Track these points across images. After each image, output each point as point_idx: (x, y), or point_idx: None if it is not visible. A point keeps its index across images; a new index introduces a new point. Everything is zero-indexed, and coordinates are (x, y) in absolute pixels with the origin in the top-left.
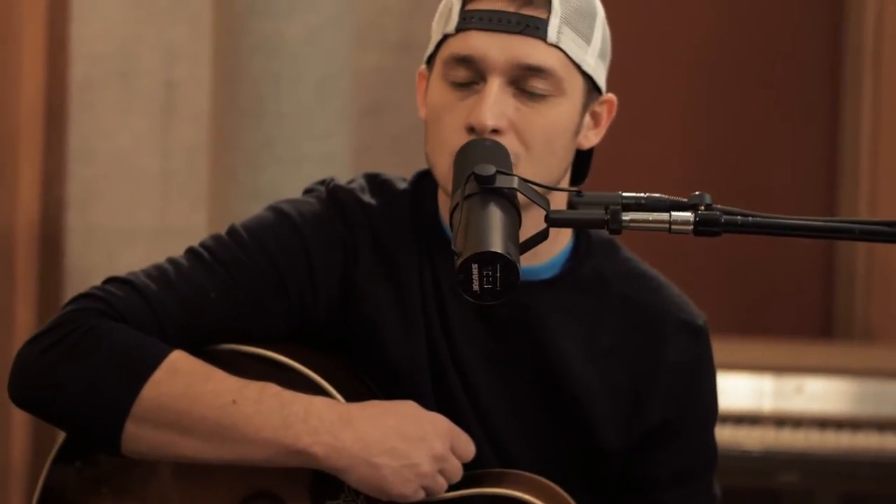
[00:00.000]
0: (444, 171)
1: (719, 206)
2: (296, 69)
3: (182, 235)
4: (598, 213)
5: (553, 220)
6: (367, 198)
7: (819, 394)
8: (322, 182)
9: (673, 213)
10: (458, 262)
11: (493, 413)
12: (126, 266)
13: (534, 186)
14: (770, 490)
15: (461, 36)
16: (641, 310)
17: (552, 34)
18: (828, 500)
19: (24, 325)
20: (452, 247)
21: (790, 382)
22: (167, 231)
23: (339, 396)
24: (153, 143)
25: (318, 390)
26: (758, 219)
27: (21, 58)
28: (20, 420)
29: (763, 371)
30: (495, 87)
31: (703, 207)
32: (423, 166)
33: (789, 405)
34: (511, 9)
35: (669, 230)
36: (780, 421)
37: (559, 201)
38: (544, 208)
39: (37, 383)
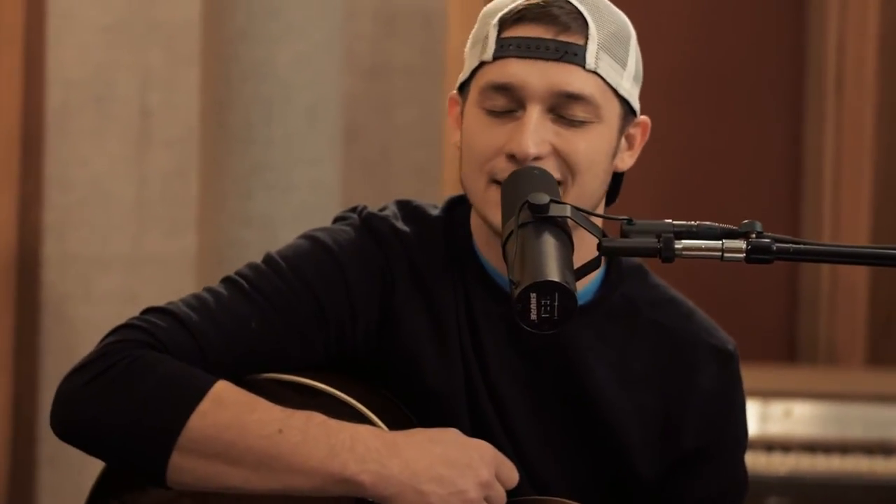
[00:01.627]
0: (480, 192)
1: (770, 234)
2: (286, 95)
3: (158, 263)
4: (650, 241)
5: (606, 249)
6: (401, 225)
7: (781, 417)
8: (353, 209)
9: (725, 242)
10: (517, 291)
11: (526, 440)
12: (101, 293)
13: (585, 214)
14: None
15: (499, 64)
16: (672, 336)
17: (590, 60)
18: None
19: (1, 351)
20: (509, 276)
21: (777, 406)
22: (143, 259)
23: (381, 424)
24: (129, 169)
25: (361, 418)
26: (808, 246)
27: None
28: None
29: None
30: (535, 115)
31: (754, 235)
32: (395, 192)
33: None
34: (549, 35)
35: (722, 258)
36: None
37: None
38: (597, 237)
39: (81, 416)
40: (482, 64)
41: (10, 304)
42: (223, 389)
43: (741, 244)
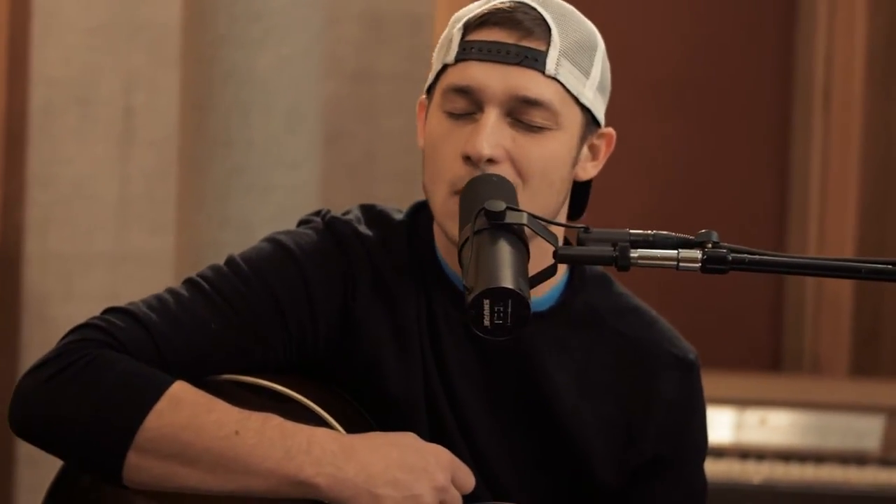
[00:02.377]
0: (440, 203)
1: (726, 245)
2: (266, 98)
3: (140, 262)
4: (606, 249)
5: (562, 257)
6: (364, 229)
7: (774, 426)
8: (317, 213)
9: (681, 251)
10: (470, 297)
11: (486, 447)
12: (82, 292)
13: (542, 222)
14: None
15: (460, 66)
16: (634, 345)
17: (550, 66)
18: None
19: None
20: (463, 281)
21: (753, 415)
22: (125, 257)
23: (339, 427)
24: (112, 169)
25: (319, 421)
26: (764, 257)
27: None
28: None
29: (724, 404)
30: (492, 117)
31: (710, 245)
32: (376, 196)
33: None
34: (511, 40)
35: (678, 267)
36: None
37: (558, 235)
38: (553, 245)
39: (38, 413)
40: (445, 67)
41: None
42: (181, 390)
43: (697, 254)
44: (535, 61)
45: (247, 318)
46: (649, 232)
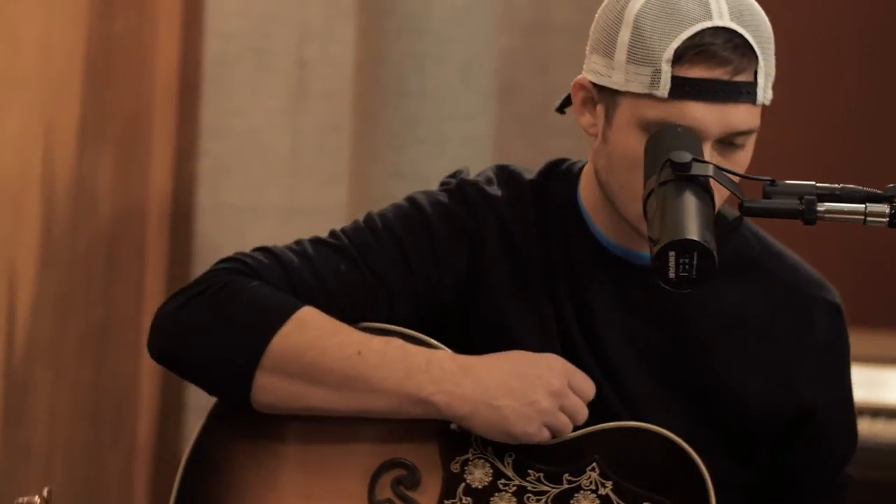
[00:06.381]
0: (634, 217)
1: None
2: (440, 50)
3: (311, 215)
4: (792, 202)
5: (748, 209)
6: (493, 189)
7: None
8: (454, 174)
9: (868, 206)
10: (656, 249)
11: (632, 390)
12: (253, 244)
13: (728, 174)
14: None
15: (676, 104)
16: (785, 289)
17: (760, 96)
18: None
19: (154, 301)
20: (648, 233)
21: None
22: (296, 210)
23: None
24: (285, 121)
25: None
26: None
27: (157, 33)
28: (147, 395)
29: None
30: (707, 153)
31: None
32: (550, 149)
33: None
34: (726, 77)
35: (865, 222)
36: None
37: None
38: (739, 197)
39: (172, 335)
40: (651, 96)
41: (164, 253)
42: (308, 314)
43: (885, 208)
44: (748, 94)
45: (375, 268)
46: (836, 185)
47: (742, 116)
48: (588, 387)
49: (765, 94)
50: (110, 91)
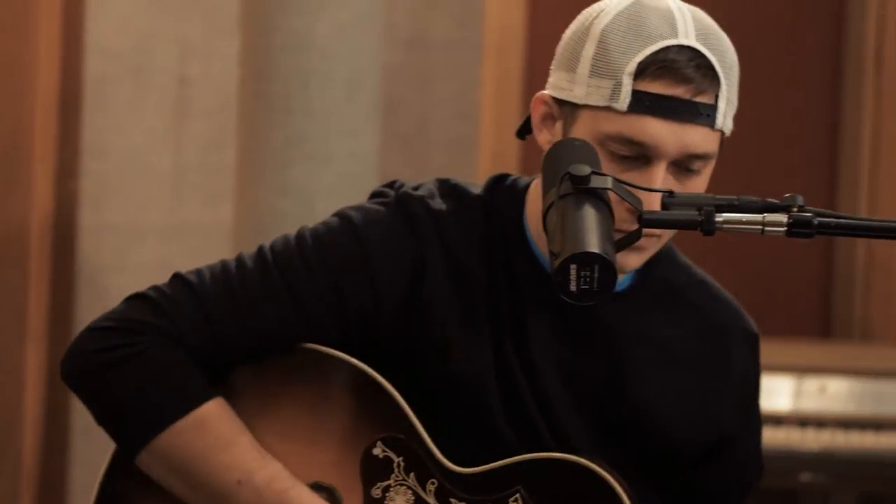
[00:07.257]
0: None
1: (812, 209)
2: (325, 66)
3: (194, 233)
4: (691, 213)
5: (646, 221)
6: (437, 204)
7: (816, 393)
8: (391, 184)
9: (766, 216)
10: (556, 263)
11: (563, 418)
12: (136, 264)
13: (627, 187)
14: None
15: (634, 119)
16: (708, 320)
17: (719, 120)
18: (845, 500)
19: (36, 320)
20: (549, 247)
21: (813, 383)
22: (179, 228)
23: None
24: (166, 139)
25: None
26: (850, 220)
27: (37, 52)
28: (32, 417)
29: (784, 371)
30: (661, 173)
31: (795, 209)
32: (430, 165)
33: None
34: (687, 96)
35: (763, 232)
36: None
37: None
38: (637, 208)
39: (85, 375)
40: (610, 108)
41: (46, 273)
42: (209, 414)
43: (782, 218)
44: (707, 117)
45: (305, 305)
46: (733, 197)
47: (700, 138)
48: None
49: (724, 120)
50: None
